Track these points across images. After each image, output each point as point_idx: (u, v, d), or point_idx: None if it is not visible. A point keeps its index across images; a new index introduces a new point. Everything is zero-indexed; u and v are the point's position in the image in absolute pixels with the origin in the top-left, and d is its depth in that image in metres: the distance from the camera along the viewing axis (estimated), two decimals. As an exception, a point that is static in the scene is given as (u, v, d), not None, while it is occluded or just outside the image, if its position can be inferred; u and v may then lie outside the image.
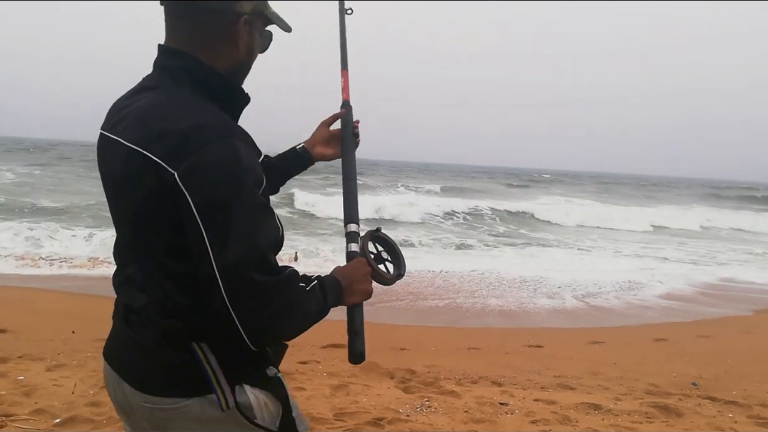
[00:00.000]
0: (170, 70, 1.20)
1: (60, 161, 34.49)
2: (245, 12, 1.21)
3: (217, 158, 1.04)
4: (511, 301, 8.14)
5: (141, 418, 1.22)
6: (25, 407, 3.30)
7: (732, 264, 13.10)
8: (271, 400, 1.22)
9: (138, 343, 1.19)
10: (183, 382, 1.16)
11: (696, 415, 3.80)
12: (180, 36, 1.20)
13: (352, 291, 1.32)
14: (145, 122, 1.12)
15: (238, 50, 1.23)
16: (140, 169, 1.09)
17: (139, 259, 1.19)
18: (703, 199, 39.67)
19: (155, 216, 1.10)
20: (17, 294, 7.09)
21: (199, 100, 1.15)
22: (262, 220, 1.07)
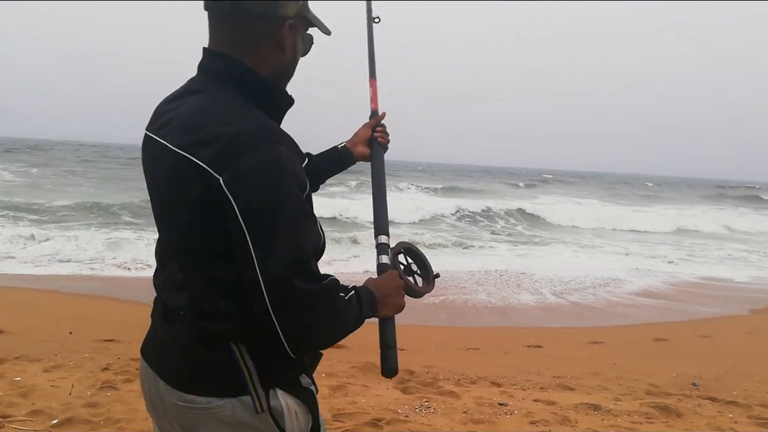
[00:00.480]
0: (214, 73, 1.20)
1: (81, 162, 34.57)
2: (290, 16, 1.20)
3: (262, 164, 1.04)
4: (498, 298, 8.15)
5: (172, 418, 1.22)
6: (22, 408, 3.28)
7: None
8: (301, 410, 1.21)
9: (176, 341, 1.20)
10: (217, 382, 1.16)
11: (696, 415, 3.79)
12: (224, 39, 1.20)
13: (385, 304, 1.31)
14: (190, 126, 1.12)
15: (283, 54, 1.23)
16: (186, 174, 1.09)
17: (180, 260, 1.20)
18: (714, 199, 39.48)
19: (199, 219, 1.10)
20: (14, 295, 7.07)
21: (243, 104, 1.15)
22: (305, 227, 1.08)
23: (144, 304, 5.99)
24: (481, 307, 7.67)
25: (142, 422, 3.20)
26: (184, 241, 1.17)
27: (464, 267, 10.61)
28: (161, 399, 1.22)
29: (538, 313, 7.65)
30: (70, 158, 39.18)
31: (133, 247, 10.53)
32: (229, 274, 1.10)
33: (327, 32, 1.33)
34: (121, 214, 15.15)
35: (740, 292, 9.73)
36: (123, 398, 3.55)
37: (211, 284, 1.14)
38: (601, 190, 45.63)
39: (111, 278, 8.47)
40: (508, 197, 29.42)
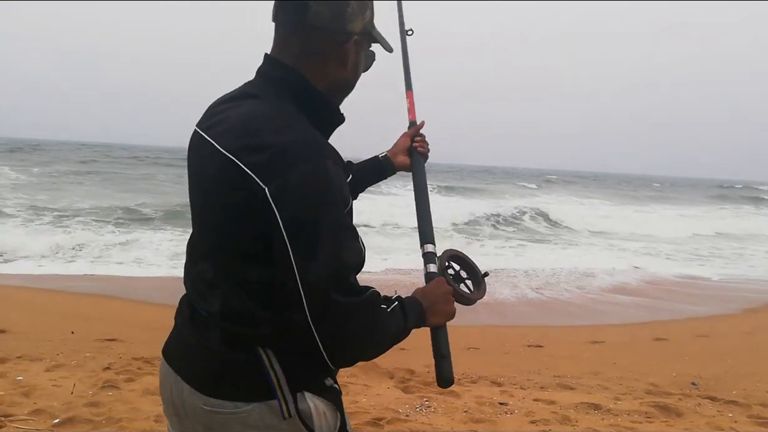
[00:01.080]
0: (274, 81, 1.20)
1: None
2: (356, 32, 1.21)
3: (308, 178, 1.05)
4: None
5: (196, 422, 1.20)
6: (24, 407, 3.30)
7: None
8: (329, 410, 1.21)
9: (202, 344, 1.19)
10: (245, 386, 1.15)
11: (696, 414, 3.80)
12: (289, 50, 1.20)
13: (434, 312, 1.32)
14: (241, 131, 1.12)
15: (345, 70, 1.24)
16: (232, 178, 1.09)
17: (212, 260, 1.20)
18: (726, 201, 38.99)
19: (239, 224, 1.11)
20: (16, 294, 7.08)
21: (297, 114, 1.16)
22: (346, 241, 1.09)
23: (145, 304, 6.02)
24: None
25: (144, 422, 3.21)
26: (219, 241, 1.17)
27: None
28: (183, 402, 1.21)
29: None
30: (99, 159, 39.14)
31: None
32: (262, 277, 1.11)
33: (389, 49, 1.34)
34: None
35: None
36: (124, 398, 3.56)
37: (242, 286, 1.14)
38: (616, 190, 44.97)
39: (111, 277, 8.48)
40: (526, 197, 29.21)
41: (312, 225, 1.04)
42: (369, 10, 1.24)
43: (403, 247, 12.15)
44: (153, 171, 31.41)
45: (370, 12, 1.25)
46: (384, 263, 10.47)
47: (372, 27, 1.26)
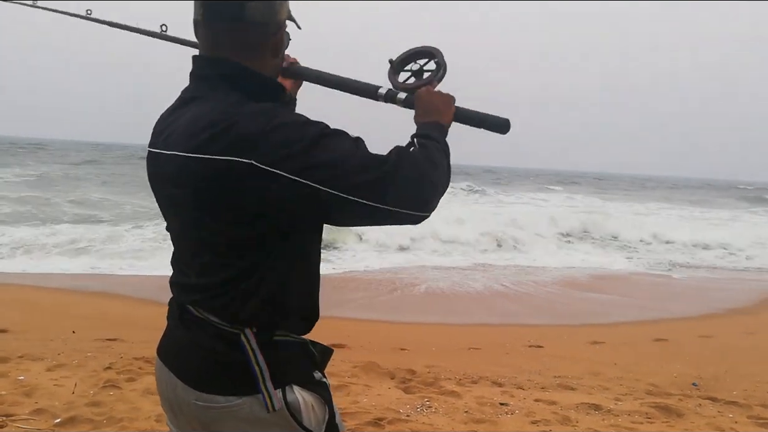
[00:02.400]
0: (211, 78, 1.21)
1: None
2: (284, 19, 1.24)
3: (285, 131, 1.08)
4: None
5: (191, 417, 1.24)
6: (26, 407, 3.30)
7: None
8: (318, 403, 1.23)
9: (194, 342, 1.23)
10: (235, 380, 1.18)
11: (696, 415, 3.80)
12: (221, 46, 1.20)
13: (441, 113, 1.35)
14: (194, 131, 1.13)
15: (278, 58, 1.27)
16: (202, 174, 1.11)
17: (187, 259, 1.25)
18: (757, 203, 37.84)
19: (222, 212, 1.13)
20: (18, 293, 7.09)
21: (243, 100, 1.16)
22: (349, 141, 1.13)
23: (146, 303, 6.02)
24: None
25: (145, 421, 3.22)
26: (200, 240, 1.20)
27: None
28: (178, 398, 1.25)
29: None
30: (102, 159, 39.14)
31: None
32: (244, 264, 1.15)
33: (299, 27, 1.35)
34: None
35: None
36: (126, 397, 3.56)
37: (228, 281, 1.18)
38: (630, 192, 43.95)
39: (113, 276, 8.49)
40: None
41: (311, 155, 1.07)
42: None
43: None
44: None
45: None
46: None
47: (289, 8, 1.27)
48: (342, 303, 7.27)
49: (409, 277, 9.32)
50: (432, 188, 1.20)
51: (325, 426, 1.24)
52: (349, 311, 6.88)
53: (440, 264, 11.02)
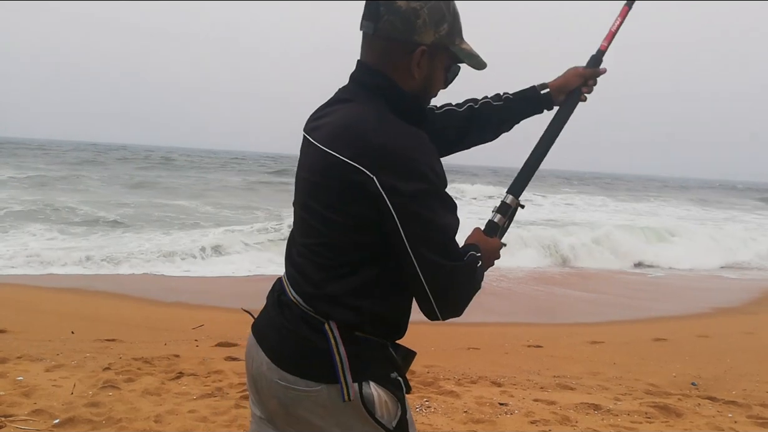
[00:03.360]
0: (363, 84, 1.30)
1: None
2: (424, 42, 1.26)
3: (411, 164, 1.16)
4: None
5: (270, 395, 1.31)
6: (24, 408, 3.30)
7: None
8: (391, 400, 1.28)
9: (284, 324, 1.30)
10: (317, 367, 1.25)
11: (696, 415, 3.80)
12: (371, 55, 1.30)
13: (487, 265, 1.40)
14: (339, 131, 1.23)
15: (414, 79, 1.29)
16: (336, 171, 1.20)
17: (296, 242, 1.34)
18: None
19: (347, 215, 1.21)
20: (16, 294, 7.09)
21: (388, 113, 1.25)
22: (448, 216, 1.21)
23: (145, 303, 6.02)
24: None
25: (144, 422, 3.22)
26: (311, 226, 1.28)
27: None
28: (262, 376, 1.32)
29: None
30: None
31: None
32: (341, 268, 1.24)
33: (479, 67, 1.36)
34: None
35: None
36: (124, 398, 3.56)
37: (322, 273, 1.26)
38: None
39: (112, 276, 8.49)
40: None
41: (421, 209, 1.16)
42: (446, 24, 1.27)
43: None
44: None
45: (448, 26, 1.28)
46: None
47: (451, 42, 1.29)
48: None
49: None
50: (465, 305, 1.28)
51: (396, 421, 1.29)
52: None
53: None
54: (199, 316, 6.20)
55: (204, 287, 8.32)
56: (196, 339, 5.37)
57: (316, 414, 1.26)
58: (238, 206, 19.07)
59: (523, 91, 1.61)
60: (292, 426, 1.31)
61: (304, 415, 1.27)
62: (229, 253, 10.51)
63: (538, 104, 1.61)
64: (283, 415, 1.31)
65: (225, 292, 8.10)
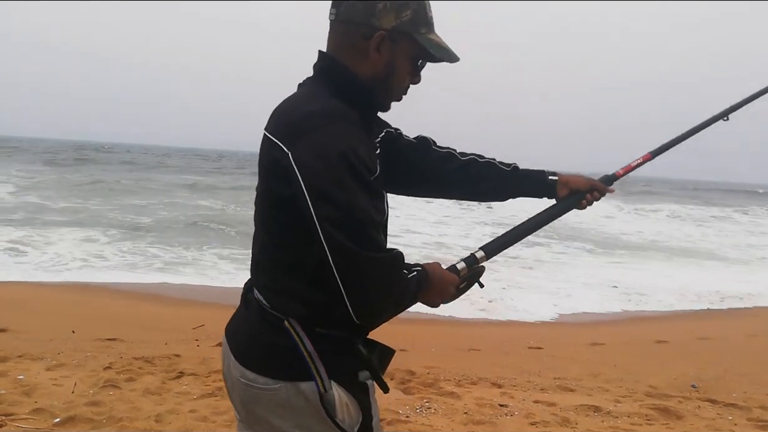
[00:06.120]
0: (317, 70, 1.30)
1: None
2: (384, 27, 1.22)
3: (325, 141, 1.12)
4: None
5: (235, 394, 1.31)
6: (25, 406, 3.31)
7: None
8: (353, 404, 1.24)
9: (247, 321, 1.30)
10: (276, 364, 1.23)
11: (696, 417, 3.80)
12: (331, 42, 1.29)
13: (428, 296, 1.33)
14: (278, 115, 1.24)
15: (371, 65, 1.25)
16: (269, 153, 1.20)
17: (258, 239, 1.31)
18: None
19: (275, 195, 1.20)
20: (17, 293, 7.09)
21: (326, 94, 1.23)
22: (363, 199, 1.13)
23: (146, 302, 6.01)
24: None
25: (144, 421, 3.22)
26: (260, 218, 1.28)
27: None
28: (231, 374, 1.31)
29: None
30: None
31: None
32: (292, 250, 1.20)
33: (446, 59, 1.29)
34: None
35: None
36: (125, 397, 3.56)
37: (274, 261, 1.25)
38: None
39: (112, 276, 8.49)
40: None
41: (330, 184, 1.10)
42: (409, 11, 1.23)
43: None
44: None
45: (412, 13, 1.23)
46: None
47: (414, 30, 1.24)
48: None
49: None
50: (382, 308, 1.19)
51: (358, 428, 1.25)
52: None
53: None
54: (200, 315, 6.21)
55: (204, 287, 8.32)
56: (197, 339, 5.38)
57: (275, 413, 1.23)
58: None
59: (533, 170, 1.59)
60: (253, 426, 1.29)
61: (263, 414, 1.25)
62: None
63: (540, 188, 1.58)
64: (245, 414, 1.30)
65: (225, 292, 8.11)
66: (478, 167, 1.54)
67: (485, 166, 1.54)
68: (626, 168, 1.68)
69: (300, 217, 1.13)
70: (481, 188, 1.56)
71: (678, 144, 1.70)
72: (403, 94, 1.33)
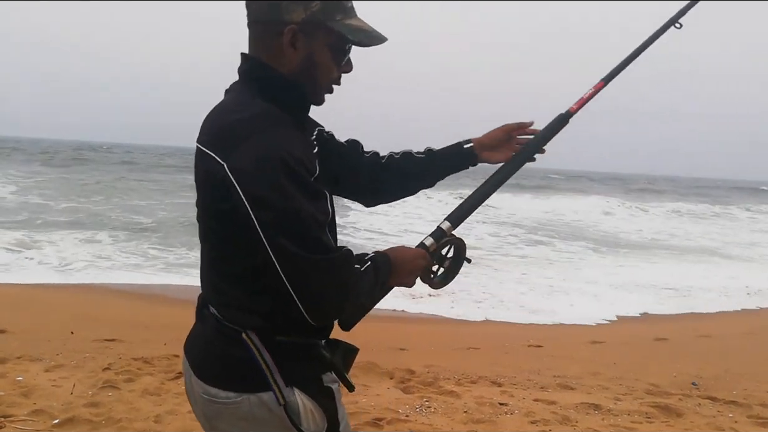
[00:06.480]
0: (240, 74, 1.27)
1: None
2: (294, 21, 1.18)
3: (261, 149, 1.09)
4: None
5: (198, 409, 1.29)
6: (24, 408, 3.30)
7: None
8: (317, 411, 1.23)
9: (203, 335, 1.29)
10: (236, 377, 1.21)
11: (696, 415, 3.80)
12: (250, 43, 1.26)
13: (398, 277, 1.32)
14: (207, 124, 1.22)
15: (290, 61, 1.21)
16: (204, 166, 1.16)
17: (206, 254, 1.28)
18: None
19: (215, 208, 1.17)
20: (16, 294, 7.08)
21: (253, 98, 1.20)
22: (306, 201, 1.10)
23: (145, 303, 5.99)
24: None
25: (143, 422, 3.21)
26: (204, 231, 1.25)
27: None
28: (192, 390, 1.30)
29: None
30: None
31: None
32: (239, 261, 1.18)
33: (370, 43, 1.24)
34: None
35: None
36: (124, 398, 3.56)
37: (222, 273, 1.23)
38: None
39: (111, 277, 8.48)
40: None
41: (269, 190, 1.07)
42: (318, 1, 1.18)
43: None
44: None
45: (322, 2, 1.19)
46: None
47: (328, 18, 1.19)
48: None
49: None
50: (338, 311, 1.19)
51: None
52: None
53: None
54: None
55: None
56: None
57: (239, 427, 1.21)
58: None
59: (448, 146, 1.57)
60: None
61: (227, 429, 1.23)
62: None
63: (459, 159, 1.55)
64: (209, 429, 1.28)
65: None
66: (399, 163, 1.53)
67: (404, 160, 1.53)
68: (579, 101, 1.57)
69: (242, 227, 1.10)
70: (410, 183, 1.56)
71: (630, 63, 1.57)
72: (335, 84, 1.29)
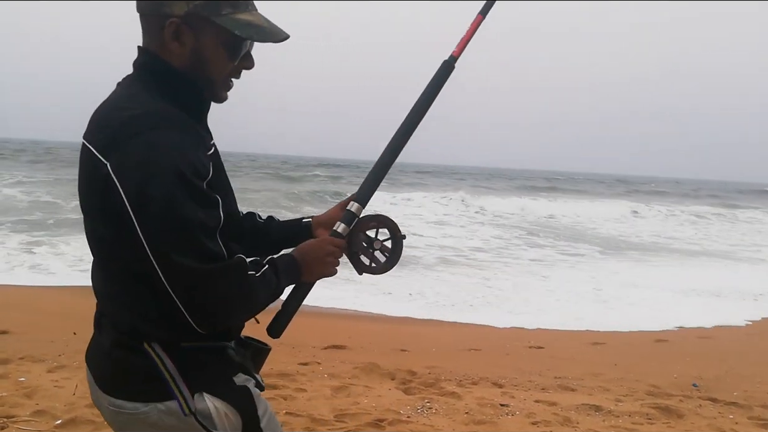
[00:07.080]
0: (135, 67, 1.22)
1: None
2: (175, 15, 1.14)
3: (146, 148, 1.04)
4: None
5: (108, 421, 1.25)
6: (26, 408, 3.31)
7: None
8: (231, 412, 1.19)
9: (102, 346, 1.23)
10: (140, 387, 1.17)
11: (697, 416, 3.80)
12: (143, 35, 1.21)
13: (310, 271, 1.31)
14: (95, 120, 1.15)
15: (177, 56, 1.17)
16: (88, 164, 1.11)
17: (96, 260, 1.22)
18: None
19: (98, 210, 1.12)
20: (19, 295, 7.09)
21: (144, 92, 1.15)
22: (194, 207, 1.05)
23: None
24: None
25: (146, 422, 3.22)
26: (92, 236, 1.18)
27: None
28: (98, 401, 1.25)
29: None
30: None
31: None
32: (130, 266, 1.12)
33: (262, 39, 1.20)
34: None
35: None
36: (126, 398, 3.56)
37: (115, 279, 1.17)
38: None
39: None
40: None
41: (154, 194, 1.02)
42: None
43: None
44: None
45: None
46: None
47: (213, 13, 1.15)
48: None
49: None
50: (227, 319, 1.15)
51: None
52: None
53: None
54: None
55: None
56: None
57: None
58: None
59: (288, 221, 1.56)
60: None
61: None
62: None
63: (298, 234, 1.50)
64: None
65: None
66: (267, 228, 1.51)
67: (270, 224, 1.52)
68: (461, 43, 1.46)
69: (126, 231, 1.04)
70: (269, 247, 1.49)
71: None
72: (234, 78, 1.25)
